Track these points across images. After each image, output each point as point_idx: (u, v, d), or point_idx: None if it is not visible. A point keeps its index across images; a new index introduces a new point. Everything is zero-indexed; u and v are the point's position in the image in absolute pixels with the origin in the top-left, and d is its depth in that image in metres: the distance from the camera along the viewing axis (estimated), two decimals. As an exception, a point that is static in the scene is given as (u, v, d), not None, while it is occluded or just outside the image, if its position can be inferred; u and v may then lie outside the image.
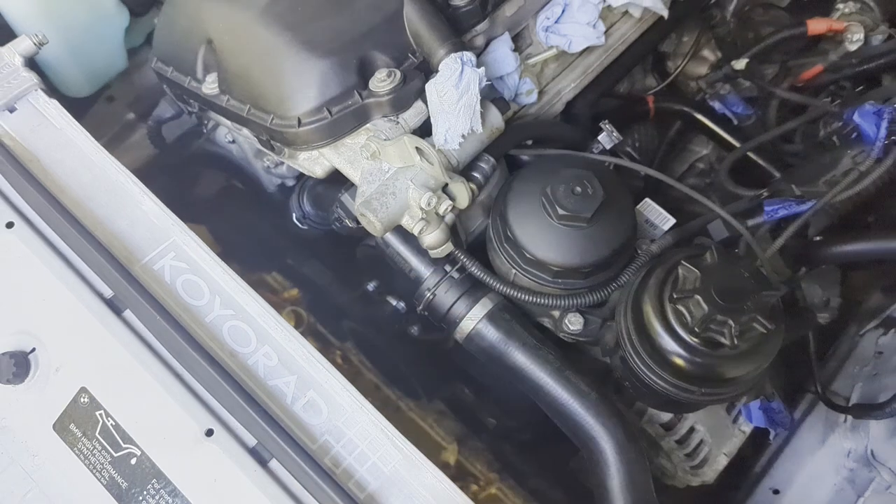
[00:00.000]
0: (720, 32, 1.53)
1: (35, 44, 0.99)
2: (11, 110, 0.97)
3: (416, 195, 0.89)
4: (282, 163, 1.16)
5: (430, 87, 0.89)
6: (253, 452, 0.84)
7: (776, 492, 1.34)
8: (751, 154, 1.40)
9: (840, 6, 1.50)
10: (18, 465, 0.88)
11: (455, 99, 0.88)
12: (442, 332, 1.19)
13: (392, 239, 1.04)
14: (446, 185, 0.93)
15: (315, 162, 0.98)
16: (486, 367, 1.03)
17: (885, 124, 1.12)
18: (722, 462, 1.17)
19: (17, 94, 0.97)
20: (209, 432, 0.84)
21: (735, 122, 1.47)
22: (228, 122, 1.08)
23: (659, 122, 1.53)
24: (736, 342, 0.78)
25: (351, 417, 0.86)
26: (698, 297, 0.79)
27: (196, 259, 0.91)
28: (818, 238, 1.25)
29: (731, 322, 0.78)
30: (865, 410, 1.23)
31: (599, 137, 1.15)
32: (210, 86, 1.01)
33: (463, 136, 0.91)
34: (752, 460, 1.39)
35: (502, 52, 1.06)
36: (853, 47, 1.47)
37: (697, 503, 1.30)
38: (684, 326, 0.81)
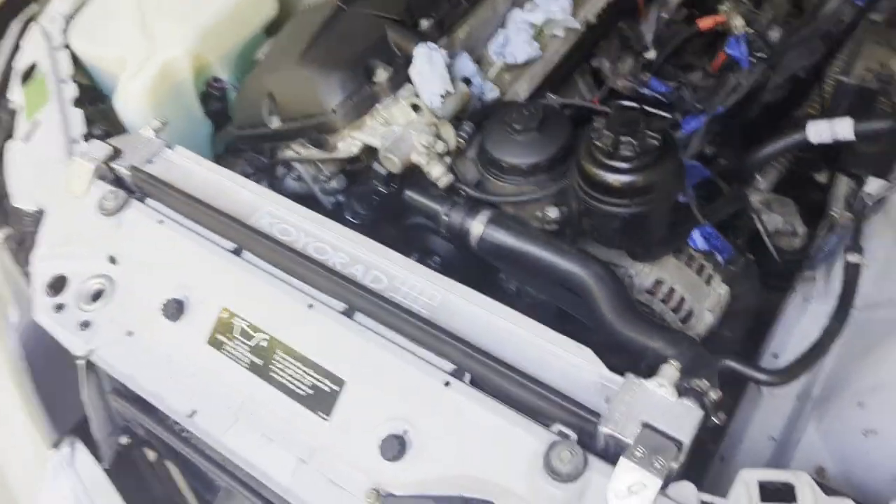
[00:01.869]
0: (637, 48, 2.01)
1: (160, 123, 1.50)
2: (150, 161, 1.47)
3: (417, 137, 1.34)
4: (331, 179, 1.63)
5: (412, 70, 1.38)
6: (343, 313, 1.21)
7: (776, 356, 1.61)
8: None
9: (722, 6, 1.99)
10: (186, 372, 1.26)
11: (429, 71, 1.36)
12: (471, 277, 1.58)
13: (414, 194, 1.46)
14: (439, 134, 1.38)
15: (350, 145, 1.44)
16: (503, 265, 1.41)
17: (743, 46, 1.56)
18: (708, 317, 1.48)
19: (153, 150, 1.47)
20: (310, 306, 1.23)
21: (665, 101, 1.91)
22: (291, 153, 1.57)
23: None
24: (638, 152, 1.18)
25: (403, 278, 1.24)
26: (606, 131, 1.19)
27: (282, 214, 1.35)
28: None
29: (631, 140, 1.18)
30: (805, 251, 1.54)
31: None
32: (275, 122, 1.51)
33: (441, 95, 1.37)
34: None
35: (463, 60, 1.55)
36: (739, 31, 1.94)
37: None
38: (605, 154, 1.20)
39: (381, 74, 1.39)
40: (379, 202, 1.53)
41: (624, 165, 1.20)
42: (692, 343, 1.17)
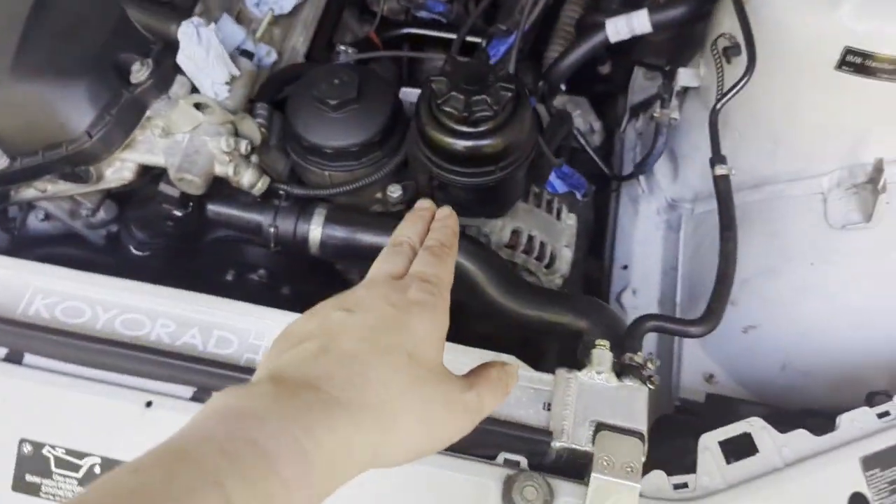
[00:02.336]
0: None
1: None
2: None
3: (214, 144, 1.04)
4: (96, 210, 1.26)
5: (180, 57, 1.05)
6: (195, 399, 0.94)
7: (625, 267, 1.60)
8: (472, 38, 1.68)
9: None
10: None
11: (204, 55, 1.04)
12: (307, 282, 1.34)
13: (220, 208, 1.17)
14: (236, 130, 1.09)
15: (121, 169, 1.10)
16: (351, 263, 1.19)
17: (533, -49, 1.41)
18: (567, 254, 1.40)
19: None
20: (148, 404, 0.94)
21: (443, 20, 1.74)
22: (32, 192, 1.17)
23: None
24: (496, 109, 1.00)
25: (258, 331, 0.99)
26: (453, 93, 1.00)
27: (63, 289, 1.00)
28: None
29: (485, 97, 0.99)
30: (641, 165, 1.52)
31: (340, 58, 1.36)
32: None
33: (226, 83, 1.07)
34: (601, 257, 1.65)
35: (229, 27, 1.23)
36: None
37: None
38: (457, 120, 1.01)
39: (141, 71, 1.04)
40: (173, 226, 1.21)
41: (483, 128, 1.02)
42: (600, 308, 1.07)
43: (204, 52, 1.04)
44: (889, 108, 1.15)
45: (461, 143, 1.03)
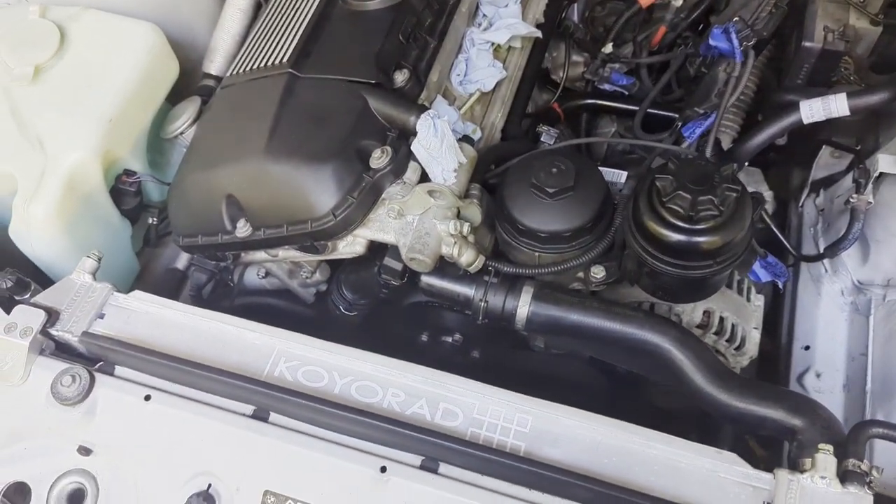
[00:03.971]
0: (578, 36, 1.85)
1: (95, 259, 1.18)
2: (102, 316, 1.15)
3: (443, 227, 1.12)
4: (314, 272, 1.37)
5: (416, 146, 1.14)
6: (423, 468, 1.01)
7: (807, 348, 1.57)
8: (649, 110, 1.71)
9: (660, -19, 1.86)
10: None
11: (438, 145, 1.13)
12: (498, 342, 1.41)
13: (434, 280, 1.25)
14: (459, 212, 1.16)
15: (353, 244, 1.20)
16: (552, 342, 1.24)
17: (734, 35, 1.44)
18: (756, 336, 1.40)
19: (100, 302, 1.15)
20: (383, 469, 1.01)
21: (625, 93, 1.78)
22: (263, 255, 1.29)
23: (570, 122, 1.83)
24: (721, 210, 1.03)
25: (481, 406, 1.05)
26: (680, 192, 1.03)
27: (304, 353, 1.10)
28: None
29: (711, 197, 1.03)
30: (833, 248, 1.50)
31: (542, 138, 1.42)
32: (243, 230, 1.22)
33: (454, 170, 1.15)
34: (776, 337, 1.63)
35: (444, 108, 1.32)
36: (679, 3, 1.83)
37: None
38: (682, 218, 1.05)
39: (381, 158, 1.14)
40: (386, 293, 1.31)
41: (705, 226, 1.05)
42: (815, 406, 1.07)
43: (439, 142, 1.12)
44: None
45: (682, 238, 1.06)
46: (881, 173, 1.45)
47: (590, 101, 1.77)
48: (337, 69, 1.22)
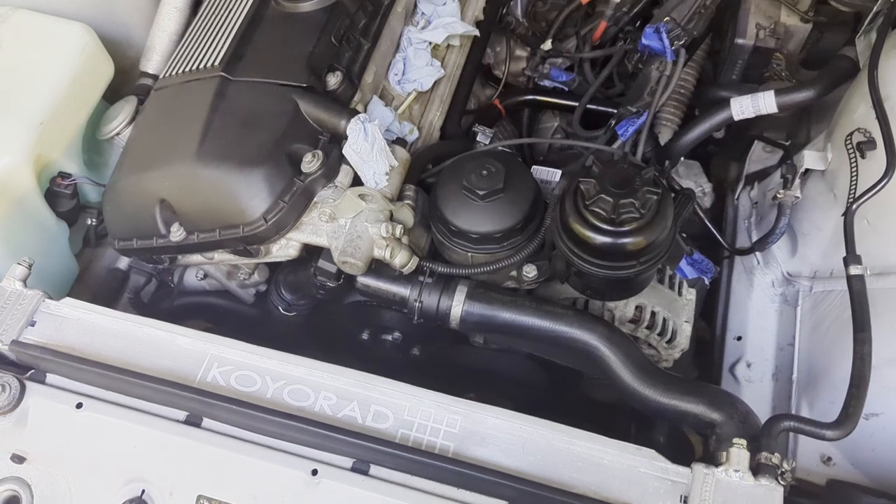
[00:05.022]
0: (520, 32, 1.87)
1: (26, 266, 1.17)
2: (33, 324, 1.14)
3: (375, 230, 1.13)
4: (252, 273, 1.38)
5: (348, 150, 1.15)
6: (354, 470, 1.03)
7: (739, 338, 1.62)
8: (589, 105, 1.74)
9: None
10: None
11: (369, 149, 1.14)
12: (438, 339, 1.43)
13: (369, 281, 1.26)
14: (391, 214, 1.18)
15: (287, 247, 1.20)
16: (490, 337, 1.26)
17: (665, 35, 1.46)
18: (687, 329, 1.44)
19: (30, 309, 1.14)
20: (314, 472, 1.03)
21: (566, 88, 1.80)
22: (199, 258, 1.29)
23: (512, 117, 1.85)
24: (643, 212, 1.06)
25: (411, 408, 1.07)
26: (603, 195, 1.06)
27: (236, 358, 1.11)
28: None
29: (632, 200, 1.06)
30: (762, 242, 1.54)
31: (478, 138, 1.44)
32: (177, 234, 1.22)
33: (386, 173, 1.16)
34: (710, 327, 1.68)
35: (380, 109, 1.33)
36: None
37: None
38: (605, 221, 1.08)
39: (312, 162, 1.14)
40: (323, 294, 1.32)
41: (628, 228, 1.08)
42: (734, 401, 1.11)
43: (369, 146, 1.13)
44: None
45: (606, 240, 1.09)
46: (807, 169, 1.49)
47: (530, 97, 1.79)
48: (268, 72, 1.22)
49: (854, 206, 1.21)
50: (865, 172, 1.25)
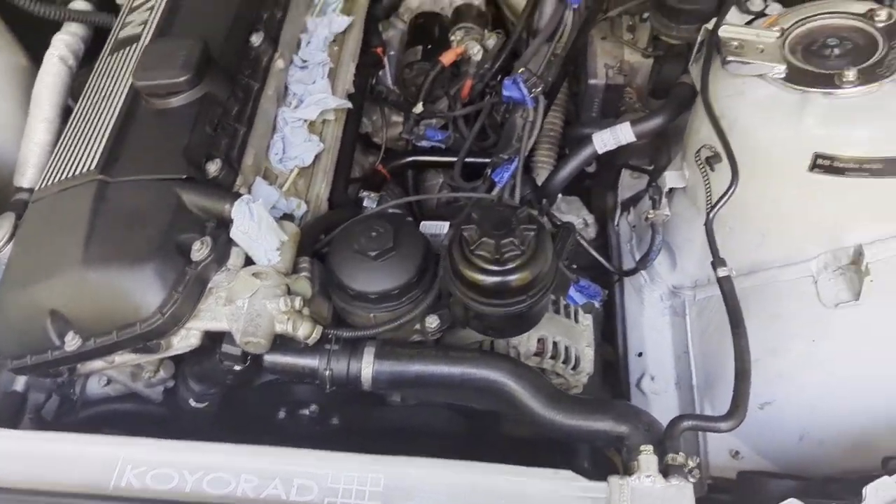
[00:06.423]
0: (392, 99, 1.96)
1: None
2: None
3: (273, 305, 1.16)
4: (157, 370, 1.36)
5: (235, 232, 1.18)
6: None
7: (640, 354, 1.71)
8: (468, 159, 1.84)
9: (453, 38, 2.01)
10: None
11: (256, 228, 1.17)
12: (355, 404, 1.44)
13: (276, 357, 1.27)
14: (288, 288, 1.20)
15: (188, 337, 1.20)
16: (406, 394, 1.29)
17: (522, 85, 1.58)
18: (589, 353, 1.51)
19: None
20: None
21: (443, 146, 1.90)
22: (100, 363, 1.27)
23: (397, 179, 1.92)
24: (523, 248, 1.13)
25: (334, 475, 1.08)
26: (485, 238, 1.13)
27: (149, 457, 1.09)
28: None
29: (512, 239, 1.13)
30: (643, 261, 1.65)
31: (364, 204, 1.49)
32: (72, 343, 1.20)
33: (277, 249, 1.19)
34: (614, 348, 1.77)
35: (264, 189, 1.36)
36: (478, 57, 1.97)
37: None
38: (490, 262, 1.14)
39: (201, 250, 1.16)
40: (231, 379, 1.32)
41: (512, 265, 1.15)
42: (637, 412, 1.18)
43: (256, 225, 1.16)
44: (860, 199, 1.30)
45: (495, 280, 1.16)
46: (671, 188, 1.62)
47: (411, 158, 1.87)
48: (147, 169, 1.24)
49: (711, 215, 1.33)
50: (718, 183, 1.38)
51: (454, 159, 1.84)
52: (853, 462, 1.33)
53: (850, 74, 1.24)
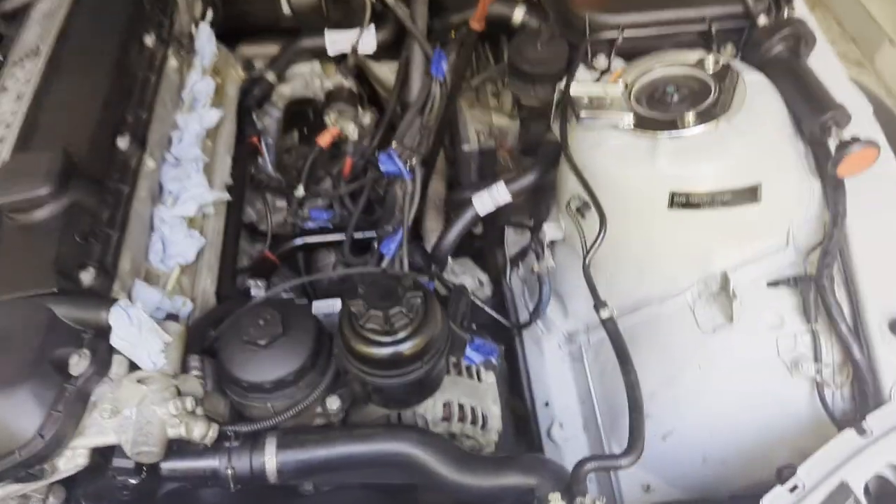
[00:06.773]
0: (274, 185, 1.97)
1: None
2: None
3: (163, 410, 1.12)
4: (46, 498, 1.27)
5: (115, 339, 1.14)
6: None
7: (547, 404, 1.75)
8: (356, 235, 1.86)
9: (328, 119, 2.05)
10: None
11: (137, 333, 1.14)
12: (268, 499, 1.40)
13: (174, 464, 1.22)
14: (178, 390, 1.17)
15: (74, 457, 1.14)
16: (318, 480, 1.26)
17: (396, 159, 1.63)
18: (496, 410, 1.52)
19: None
20: None
21: (330, 226, 1.92)
22: (-21, 500, 1.18)
23: (288, 263, 1.92)
24: (412, 316, 1.15)
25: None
26: (371, 311, 1.14)
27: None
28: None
29: (399, 308, 1.14)
30: (535, 312, 1.70)
31: (252, 292, 1.48)
32: (-54, 483, 1.11)
33: (162, 351, 1.16)
34: (523, 401, 1.79)
35: (145, 291, 1.33)
36: (355, 136, 2.02)
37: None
38: (381, 333, 1.15)
39: (79, 363, 1.11)
40: (128, 494, 1.25)
41: (404, 334, 1.16)
42: (542, 462, 1.20)
43: (136, 330, 1.13)
44: (718, 229, 1.40)
45: (388, 351, 1.16)
46: (551, 240, 1.68)
47: (299, 241, 1.88)
48: (14, 288, 1.19)
49: (587, 261, 1.39)
50: (590, 230, 1.45)
51: (342, 236, 1.86)
52: (755, 476, 1.38)
53: (690, 117, 1.35)
